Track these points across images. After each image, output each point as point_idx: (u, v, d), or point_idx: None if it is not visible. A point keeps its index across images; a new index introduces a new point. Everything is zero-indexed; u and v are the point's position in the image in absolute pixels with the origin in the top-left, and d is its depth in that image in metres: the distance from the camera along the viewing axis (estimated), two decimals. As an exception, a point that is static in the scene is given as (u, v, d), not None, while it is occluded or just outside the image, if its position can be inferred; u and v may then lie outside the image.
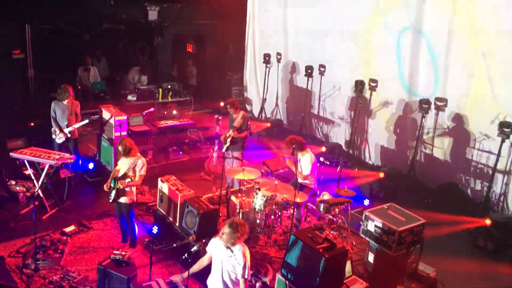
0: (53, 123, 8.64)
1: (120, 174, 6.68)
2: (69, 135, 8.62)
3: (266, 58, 13.20)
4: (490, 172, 8.60)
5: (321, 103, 12.20)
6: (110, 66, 13.80)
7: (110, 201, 6.78)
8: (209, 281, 5.04)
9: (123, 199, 6.75)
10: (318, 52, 12.02)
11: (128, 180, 6.56)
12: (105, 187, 6.79)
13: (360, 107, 10.72)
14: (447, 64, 9.29)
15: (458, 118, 9.27)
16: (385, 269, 6.24)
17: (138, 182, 6.77)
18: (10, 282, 5.95)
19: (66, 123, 8.58)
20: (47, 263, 6.51)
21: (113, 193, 6.69)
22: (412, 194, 9.27)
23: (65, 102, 8.57)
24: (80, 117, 8.81)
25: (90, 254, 6.92)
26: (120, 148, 6.72)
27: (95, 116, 8.81)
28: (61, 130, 8.58)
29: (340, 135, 11.80)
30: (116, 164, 7.23)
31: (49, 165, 7.80)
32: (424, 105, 9.37)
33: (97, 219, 7.86)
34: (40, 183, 7.88)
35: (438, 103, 9.42)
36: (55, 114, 8.61)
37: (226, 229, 4.76)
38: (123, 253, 5.67)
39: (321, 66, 11.86)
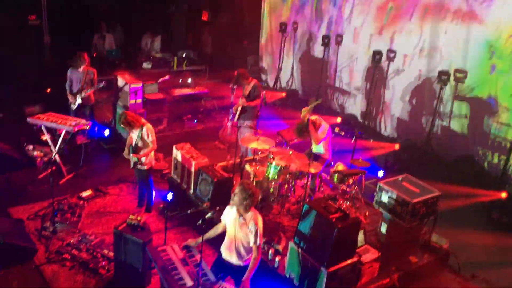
0: (66, 88, 8.71)
1: (133, 144, 6.74)
2: (80, 101, 8.66)
3: (283, 27, 12.99)
4: (508, 145, 8.47)
5: (337, 73, 12.04)
6: (125, 33, 13.73)
7: (131, 167, 6.86)
8: (222, 248, 5.11)
9: (140, 165, 6.81)
10: (336, 22, 11.80)
11: (138, 156, 6.63)
12: (124, 155, 6.87)
13: (376, 78, 10.55)
14: (468, 36, 9.06)
15: (477, 90, 9.08)
16: (398, 240, 6.26)
17: (154, 147, 6.82)
18: (30, 244, 6.11)
19: (80, 88, 8.63)
20: (65, 226, 6.66)
21: (132, 160, 6.76)
22: (427, 166, 9.18)
23: (80, 69, 8.60)
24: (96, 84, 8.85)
25: (106, 218, 7.06)
26: (121, 126, 6.73)
27: (102, 82, 8.70)
28: (72, 94, 8.63)
29: (356, 106, 11.68)
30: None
31: (66, 131, 7.88)
32: (443, 76, 9.19)
33: (113, 185, 7.97)
34: (57, 148, 7.99)
35: (458, 74, 9.21)
36: (70, 81, 8.67)
37: (236, 190, 4.83)
38: (139, 218, 5.75)
39: (339, 36, 11.64)
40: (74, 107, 8.71)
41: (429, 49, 9.79)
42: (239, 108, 8.44)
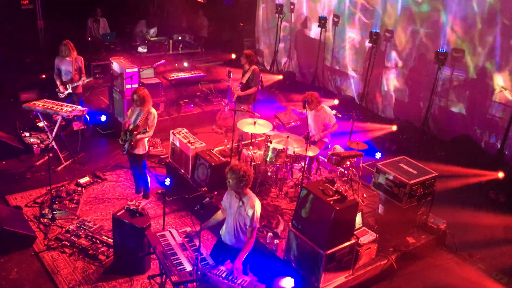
0: (55, 78, 8.61)
1: (132, 126, 6.66)
2: (70, 91, 8.58)
3: (279, 8, 12.84)
4: (505, 125, 8.46)
5: (334, 55, 11.95)
6: (120, 17, 13.56)
7: (124, 153, 6.80)
8: (222, 231, 5.15)
9: (135, 151, 6.76)
10: (332, 2, 11.67)
11: (143, 130, 6.54)
12: (120, 141, 6.80)
13: (374, 60, 10.48)
14: (466, 15, 8.99)
15: (475, 70, 9.04)
16: (395, 221, 6.29)
17: (151, 134, 6.78)
18: (29, 231, 6.13)
19: (71, 78, 8.54)
20: (64, 213, 6.67)
21: (126, 145, 6.69)
22: (424, 147, 9.20)
23: (68, 58, 8.50)
24: (84, 71, 8.74)
25: (104, 205, 7.07)
26: (135, 97, 6.62)
27: (91, 78, 8.88)
28: (62, 84, 8.55)
29: (353, 87, 11.63)
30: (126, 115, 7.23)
31: (62, 117, 7.84)
32: (441, 56, 9.12)
33: (110, 171, 7.97)
34: (53, 135, 7.95)
35: (455, 54, 9.16)
36: (58, 70, 8.57)
37: (228, 175, 4.87)
38: (137, 203, 5.76)
39: (335, 16, 11.53)
40: (62, 96, 8.60)
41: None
42: (235, 96, 8.41)
